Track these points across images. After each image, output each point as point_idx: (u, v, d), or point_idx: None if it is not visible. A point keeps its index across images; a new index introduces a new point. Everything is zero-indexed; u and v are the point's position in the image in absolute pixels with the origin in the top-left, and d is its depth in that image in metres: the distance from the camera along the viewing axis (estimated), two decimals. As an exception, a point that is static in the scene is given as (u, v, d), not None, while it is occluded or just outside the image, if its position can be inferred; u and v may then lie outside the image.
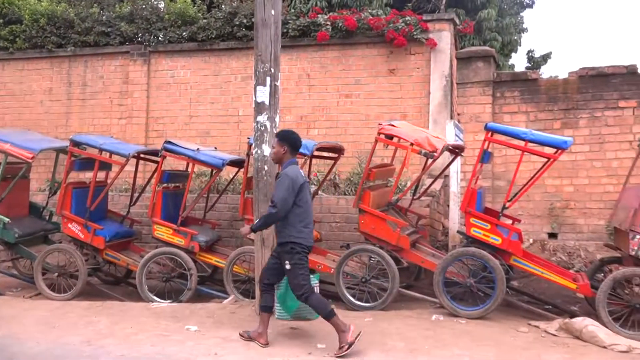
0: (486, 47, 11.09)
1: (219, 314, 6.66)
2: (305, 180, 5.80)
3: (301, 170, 5.93)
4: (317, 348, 5.73)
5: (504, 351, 5.78)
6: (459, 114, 10.34)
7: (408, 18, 10.90)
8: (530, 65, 19.40)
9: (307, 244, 5.77)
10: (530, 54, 19.53)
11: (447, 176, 9.31)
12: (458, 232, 7.96)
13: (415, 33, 10.72)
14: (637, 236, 6.55)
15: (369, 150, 7.94)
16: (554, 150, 7.05)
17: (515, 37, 17.42)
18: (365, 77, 11.20)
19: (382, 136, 7.71)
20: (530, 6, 18.93)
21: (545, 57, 19.45)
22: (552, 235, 9.82)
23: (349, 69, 11.31)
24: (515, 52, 18.33)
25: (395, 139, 7.74)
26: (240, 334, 5.92)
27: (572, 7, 44.54)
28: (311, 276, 5.94)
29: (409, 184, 8.85)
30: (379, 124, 7.76)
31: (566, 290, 7.43)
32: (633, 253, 6.58)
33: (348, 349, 5.45)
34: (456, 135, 8.63)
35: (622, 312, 6.64)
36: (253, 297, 7.00)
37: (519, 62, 25.10)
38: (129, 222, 9.00)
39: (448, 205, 9.05)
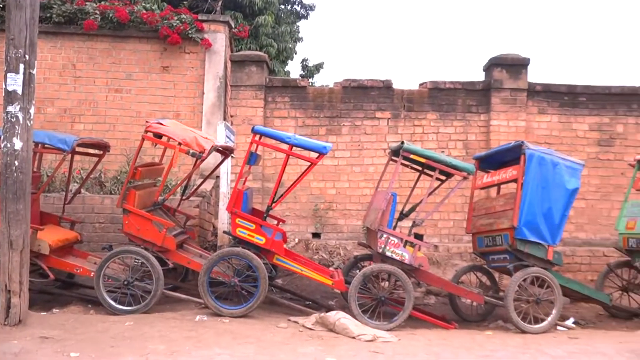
0: (259, 52, 11.40)
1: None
2: None
3: None
4: (70, 357, 5.36)
5: (264, 347, 5.96)
6: (232, 116, 10.48)
7: (183, 16, 10.77)
8: (304, 73, 20.41)
9: None
10: (305, 63, 20.55)
11: (218, 177, 9.37)
12: (224, 232, 8.05)
13: (190, 32, 10.63)
14: (384, 235, 7.22)
15: (139, 148, 7.69)
16: (316, 154, 7.47)
17: (291, 45, 18.18)
18: (137, 72, 10.82)
19: (150, 134, 7.50)
20: (306, 17, 19.94)
21: (318, 67, 20.61)
22: (316, 235, 10.41)
23: (120, 62, 10.83)
24: (291, 59, 19.16)
25: (164, 138, 7.59)
26: None
27: (343, 21, 47.86)
28: None
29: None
30: (147, 122, 7.55)
31: (325, 286, 7.92)
32: (380, 250, 7.23)
33: None
34: (227, 136, 8.73)
35: (370, 305, 7.26)
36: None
37: (294, 69, 26.34)
38: None
39: (219, 206, 9.12)
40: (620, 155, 10.29)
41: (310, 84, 19.54)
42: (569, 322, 7.78)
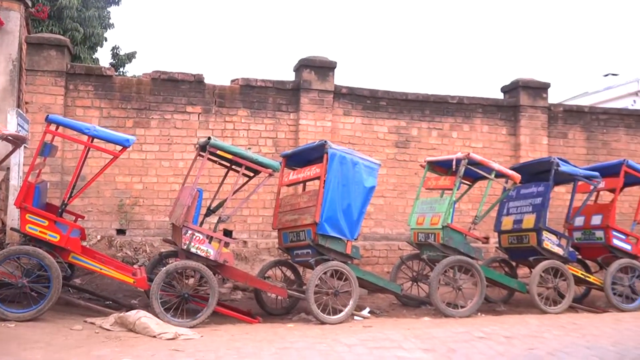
0: (60, 36, 10.59)
1: None
2: None
3: None
4: None
5: (54, 352, 5.57)
6: (27, 103, 9.63)
7: (-31, -11, 9.67)
8: (115, 62, 19.43)
9: None
10: (116, 51, 19.57)
11: (9, 169, 8.57)
12: (12, 229, 7.40)
13: (-22, 7, 9.58)
14: (189, 231, 7.12)
15: None
16: (119, 147, 7.14)
17: (99, 31, 17.18)
18: None
19: None
20: (117, 3, 18.99)
21: (130, 56, 19.74)
22: (121, 232, 9.94)
23: None
24: (101, 46, 18.13)
25: (-60, 124, 6.76)
26: None
27: (157, 10, 46.40)
28: None
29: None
30: None
31: (128, 285, 7.60)
32: (185, 247, 7.11)
33: None
34: (19, 125, 8.04)
35: (174, 302, 7.12)
36: None
37: (104, 57, 24.98)
38: None
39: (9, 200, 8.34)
40: (415, 157, 11.18)
41: (121, 73, 18.79)
42: (365, 311, 8.28)
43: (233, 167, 8.14)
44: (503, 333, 6.88)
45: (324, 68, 10.79)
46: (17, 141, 7.60)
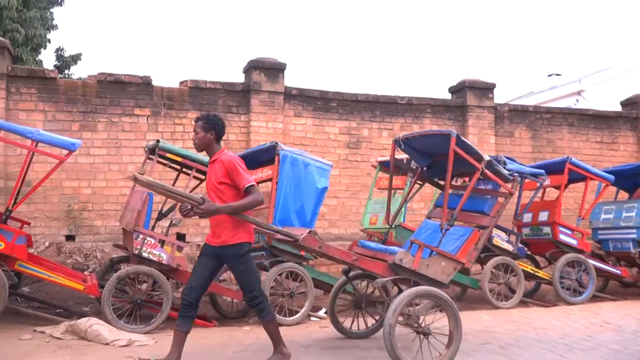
0: None
1: None
2: None
3: None
4: None
5: (1, 364, 5.41)
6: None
7: None
8: (59, 64, 18.90)
9: None
10: (60, 53, 19.02)
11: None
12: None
13: None
14: (140, 236, 7.01)
15: None
16: (65, 152, 6.98)
17: (42, 32, 16.68)
18: None
19: None
20: (60, 4, 18.49)
21: (75, 58, 19.20)
22: (70, 238, 9.69)
23: None
24: (45, 48, 17.61)
25: None
26: None
27: (103, 11, 45.38)
28: None
29: None
30: None
31: (80, 292, 7.41)
32: (137, 252, 7.00)
33: None
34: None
35: (127, 308, 6.99)
36: None
37: (49, 59, 24.25)
38: None
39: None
40: (367, 157, 11.28)
41: (66, 75, 18.30)
42: (321, 312, 8.30)
43: (184, 170, 8.05)
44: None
45: (274, 69, 10.77)
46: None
